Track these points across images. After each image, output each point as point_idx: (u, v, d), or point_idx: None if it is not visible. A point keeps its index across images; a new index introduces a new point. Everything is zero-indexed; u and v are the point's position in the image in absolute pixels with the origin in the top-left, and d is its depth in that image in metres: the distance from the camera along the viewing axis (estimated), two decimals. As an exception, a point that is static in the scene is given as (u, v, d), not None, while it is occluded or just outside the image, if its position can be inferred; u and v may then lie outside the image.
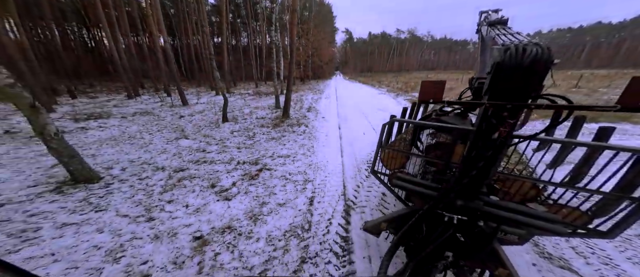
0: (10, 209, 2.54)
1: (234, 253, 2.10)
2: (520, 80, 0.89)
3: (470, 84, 2.39)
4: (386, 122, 1.85)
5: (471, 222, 1.22)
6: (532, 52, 0.85)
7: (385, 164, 2.04)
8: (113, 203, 2.75)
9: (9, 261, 0.47)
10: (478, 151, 1.06)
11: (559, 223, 1.18)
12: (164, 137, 5.48)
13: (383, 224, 1.55)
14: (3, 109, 7.69)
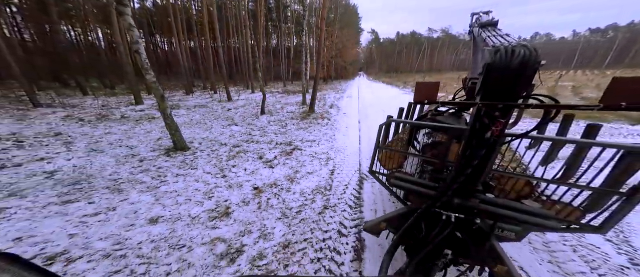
0: (146, 163, 3.96)
1: (278, 199, 3.03)
2: (510, 81, 0.89)
3: (464, 84, 2.52)
4: (383, 122, 1.83)
5: (468, 220, 1.21)
6: (521, 53, 0.85)
7: (383, 164, 2.01)
8: (200, 164, 3.99)
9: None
10: (472, 150, 1.05)
11: (553, 219, 1.16)
12: (219, 124, 6.91)
13: (382, 224, 1.53)
14: (116, 101, 10.33)
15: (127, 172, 3.60)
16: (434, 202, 1.16)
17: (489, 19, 1.75)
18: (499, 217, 1.16)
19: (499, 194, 1.64)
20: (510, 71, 0.86)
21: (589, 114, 7.13)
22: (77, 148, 4.52)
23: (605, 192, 1.21)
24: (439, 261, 1.25)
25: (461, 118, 2.45)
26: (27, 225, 2.36)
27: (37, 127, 5.72)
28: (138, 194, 3.00)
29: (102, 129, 5.91)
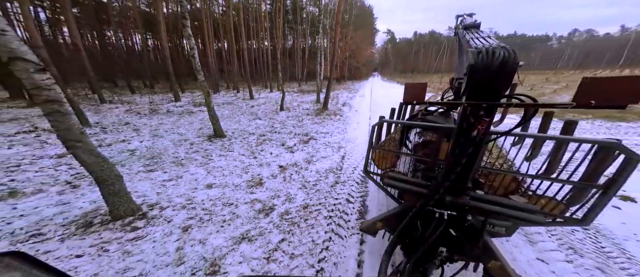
0: (195, 146, 4.92)
1: (299, 175, 3.69)
2: (492, 81, 0.90)
3: (451, 84, 2.55)
4: (375, 123, 1.82)
5: (461, 217, 1.21)
6: (501, 54, 0.86)
7: (377, 164, 1.99)
8: (235, 148, 4.83)
9: None
10: (461, 148, 1.06)
11: (539, 213, 1.16)
12: (246, 118, 7.85)
13: (378, 224, 1.53)
14: (159, 99, 11.96)
15: (184, 152, 4.55)
16: (429, 200, 1.13)
17: (472, 21, 1.79)
18: (489, 213, 1.16)
19: (488, 190, 1.64)
20: (492, 72, 0.88)
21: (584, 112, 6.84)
22: (144, 134, 5.67)
23: (584, 185, 1.23)
24: (436, 259, 1.25)
25: (449, 117, 2.51)
26: (130, 185, 3.31)
27: (110, 118, 7.11)
28: (195, 168, 3.88)
29: (156, 120, 7.15)
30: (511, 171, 1.65)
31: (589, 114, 7.43)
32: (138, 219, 2.50)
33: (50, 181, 3.29)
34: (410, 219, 1.18)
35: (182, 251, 2.10)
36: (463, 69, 1.89)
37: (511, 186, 1.60)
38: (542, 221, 1.16)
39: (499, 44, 0.95)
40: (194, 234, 2.33)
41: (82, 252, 2.03)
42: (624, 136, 5.49)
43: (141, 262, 1.96)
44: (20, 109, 7.49)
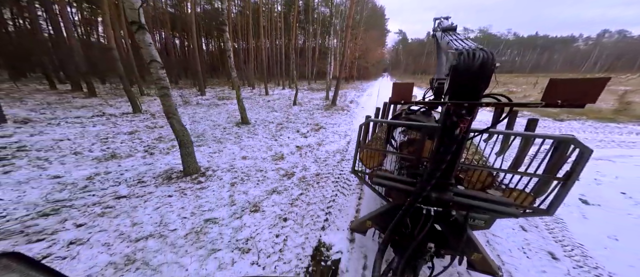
0: (227, 130, 5.94)
1: (312, 153, 4.55)
2: (472, 81, 0.92)
3: (431, 85, 2.65)
4: (362, 122, 1.82)
5: (446, 213, 1.23)
6: (480, 56, 0.89)
7: (364, 163, 2.00)
8: (259, 132, 5.79)
9: None
10: (445, 146, 1.07)
11: (512, 206, 1.21)
12: (264, 110, 8.84)
13: (368, 222, 1.54)
14: (186, 92, 13.33)
15: (219, 134, 5.58)
16: (418, 197, 1.15)
17: (449, 24, 1.85)
18: (470, 207, 1.19)
19: (467, 185, 1.69)
20: (473, 72, 0.90)
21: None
22: (185, 120, 6.80)
23: (547, 178, 1.30)
24: (425, 255, 1.27)
25: (431, 116, 2.59)
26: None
27: (154, 107, 8.37)
28: (231, 145, 4.87)
29: (191, 110, 8.33)
30: (488, 166, 1.70)
31: (583, 115, 7.68)
32: (200, 176, 3.49)
33: (133, 150, 4.40)
34: (402, 216, 1.20)
35: (233, 197, 3.02)
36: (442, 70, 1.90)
37: (487, 181, 1.66)
38: (517, 213, 1.21)
39: (478, 46, 0.98)
40: (238, 187, 3.25)
41: (170, 194, 3.01)
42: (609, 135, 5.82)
43: (208, 202, 2.87)
44: (83, 99, 8.98)
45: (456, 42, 1.20)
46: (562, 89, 0.89)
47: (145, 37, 2.57)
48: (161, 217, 2.47)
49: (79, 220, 2.36)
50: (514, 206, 1.25)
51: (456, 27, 1.69)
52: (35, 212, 2.44)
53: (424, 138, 1.68)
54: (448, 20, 2.02)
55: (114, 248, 2.01)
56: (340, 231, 2.36)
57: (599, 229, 2.36)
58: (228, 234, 2.26)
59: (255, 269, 1.89)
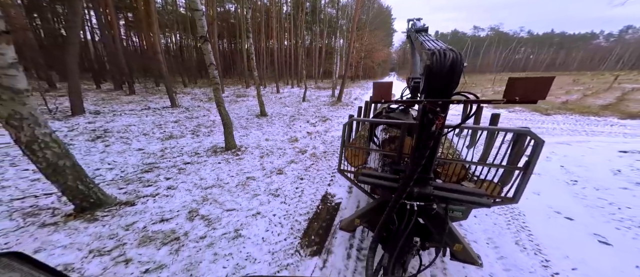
0: (250, 120, 7.09)
1: (320, 137, 5.55)
2: (444, 80, 0.97)
3: (408, 84, 2.70)
4: (346, 122, 1.85)
5: (428, 207, 1.25)
6: (451, 56, 0.94)
7: (350, 162, 2.02)
8: (276, 122, 6.88)
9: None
10: (423, 142, 1.10)
11: (484, 196, 1.27)
12: (277, 106, 9.94)
13: (356, 220, 1.55)
14: (206, 91, 14.73)
15: (244, 123, 6.72)
16: (403, 192, 1.16)
17: (421, 25, 1.89)
18: (450, 200, 1.24)
19: (444, 179, 1.74)
20: (444, 72, 0.95)
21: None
22: (214, 112, 8.04)
23: (510, 168, 1.37)
24: (412, 249, 1.30)
25: (409, 113, 2.66)
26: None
27: (185, 103, 9.72)
28: (255, 131, 5.97)
29: (214, 105, 9.59)
30: (461, 159, 1.76)
31: (570, 110, 8.17)
32: (237, 151, 4.59)
33: (183, 133, 5.62)
34: (390, 212, 1.21)
35: (263, 164, 4.06)
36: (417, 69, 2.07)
37: (462, 173, 1.72)
38: (489, 203, 1.28)
39: (448, 47, 1.03)
40: (266, 159, 4.30)
41: (219, 162, 4.09)
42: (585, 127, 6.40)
43: (246, 167, 3.91)
44: (126, 96, 10.50)
45: (429, 42, 1.26)
46: (518, 87, 0.94)
47: (207, 46, 3.68)
48: (217, 175, 3.56)
49: (166, 175, 3.50)
50: (486, 196, 1.30)
51: (428, 29, 1.79)
52: (139, 169, 3.62)
53: (404, 135, 1.72)
54: (420, 22, 2.09)
55: (193, 192, 3.08)
56: (341, 187, 3.25)
57: (529, 189, 3.18)
58: (263, 185, 3.30)
59: (283, 206, 2.89)
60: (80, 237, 2.12)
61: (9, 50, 1.64)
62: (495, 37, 61.45)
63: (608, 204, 2.73)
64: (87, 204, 2.40)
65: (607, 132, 5.91)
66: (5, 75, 1.63)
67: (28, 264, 0.32)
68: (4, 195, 2.74)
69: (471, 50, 61.82)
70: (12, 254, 0.31)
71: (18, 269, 0.30)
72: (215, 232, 2.29)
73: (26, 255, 0.33)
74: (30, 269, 0.31)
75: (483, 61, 60.65)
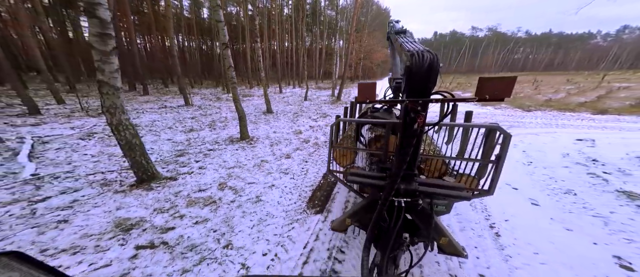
0: (257, 116, 7.83)
1: (321, 130, 6.25)
2: (423, 80, 1.01)
3: (390, 84, 2.74)
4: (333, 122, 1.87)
5: (414, 202, 1.28)
6: (428, 57, 0.98)
7: (338, 162, 2.02)
8: (281, 118, 7.61)
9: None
10: (407, 140, 1.13)
11: (464, 189, 1.31)
12: (281, 104, 10.66)
13: (348, 220, 1.55)
14: (213, 91, 15.47)
15: (254, 118, 7.45)
16: (392, 190, 1.18)
17: (400, 27, 1.95)
18: (434, 195, 1.28)
19: (427, 175, 1.78)
20: (423, 72, 0.99)
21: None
22: (224, 109, 8.78)
23: (484, 162, 1.46)
24: (402, 245, 1.33)
25: (392, 112, 2.71)
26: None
27: (196, 102, 10.48)
28: (263, 125, 6.70)
29: (224, 104, 10.33)
30: (442, 155, 1.79)
31: (550, 107, 8.82)
32: (250, 141, 5.32)
33: (201, 126, 6.37)
34: (381, 210, 1.23)
35: (273, 151, 4.76)
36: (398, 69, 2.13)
37: (443, 169, 1.76)
38: (469, 196, 1.33)
39: (425, 48, 1.08)
40: (275, 147, 5.01)
41: (237, 149, 4.80)
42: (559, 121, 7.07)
43: (259, 153, 4.60)
44: (141, 96, 11.27)
45: (408, 44, 1.29)
46: (488, 86, 1.00)
47: (227, 52, 4.41)
48: (236, 159, 4.28)
49: (195, 159, 4.23)
50: (466, 189, 1.34)
51: (406, 30, 1.83)
52: (173, 154, 4.36)
53: (388, 134, 1.74)
54: (399, 24, 2.13)
55: (219, 171, 3.78)
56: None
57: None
58: (275, 166, 4.01)
59: (292, 181, 3.60)
60: (145, 200, 2.84)
61: (115, 60, 2.37)
62: (494, 38, 61.59)
63: (549, 178, 3.42)
64: (145, 177, 3.13)
65: (575, 125, 6.57)
66: (112, 77, 2.37)
67: (27, 263, 0.31)
68: (80, 172, 3.48)
69: (470, 50, 62.15)
70: (11, 254, 0.30)
71: (17, 268, 0.29)
72: (241, 198, 3.00)
73: (25, 255, 0.32)
74: (30, 268, 0.30)
75: (481, 62, 60.96)
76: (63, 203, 2.66)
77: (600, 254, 2.00)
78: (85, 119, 6.52)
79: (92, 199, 2.79)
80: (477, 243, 2.17)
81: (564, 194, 3.00)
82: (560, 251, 2.03)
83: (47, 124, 5.82)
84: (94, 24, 2.21)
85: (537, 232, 2.28)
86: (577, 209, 2.66)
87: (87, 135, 5.25)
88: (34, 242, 2.05)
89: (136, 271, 1.82)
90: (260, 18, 16.60)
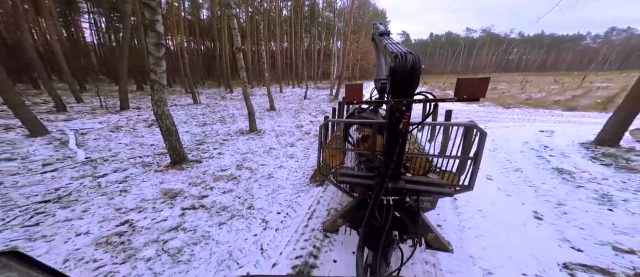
0: (262, 113, 8.51)
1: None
2: (407, 81, 1.03)
3: (375, 85, 2.76)
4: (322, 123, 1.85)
5: (401, 200, 1.30)
6: (410, 59, 1.00)
7: (327, 163, 2.03)
8: (283, 115, 8.32)
9: None
10: (393, 139, 1.14)
11: (446, 186, 1.35)
12: (283, 102, 11.35)
13: (339, 221, 1.56)
14: (217, 91, 16.09)
15: (259, 115, 8.13)
16: (382, 188, 1.18)
17: (383, 29, 2.01)
18: (420, 192, 1.31)
19: (412, 173, 1.84)
20: (407, 73, 1.02)
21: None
22: (230, 107, 9.46)
23: (464, 158, 1.53)
24: (393, 243, 1.36)
25: (378, 113, 2.74)
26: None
27: (203, 101, 11.13)
28: (268, 120, 7.40)
29: (229, 102, 10.99)
30: (425, 153, 1.85)
31: (526, 104, 9.65)
32: (258, 133, 6.02)
33: (212, 121, 7.05)
34: (372, 210, 1.23)
35: (279, 141, 5.45)
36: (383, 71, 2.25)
37: (427, 166, 1.80)
38: (451, 192, 1.39)
39: (408, 50, 1.11)
40: (280, 138, 5.70)
41: (247, 139, 5.49)
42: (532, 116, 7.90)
43: (268, 143, 5.28)
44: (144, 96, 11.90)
45: (391, 45, 1.33)
46: (465, 87, 1.05)
47: (240, 55, 5.11)
48: (248, 147, 4.98)
49: (213, 146, 4.92)
50: (448, 186, 1.40)
51: (390, 32, 1.88)
52: (194, 143, 5.05)
53: (375, 134, 1.78)
54: (383, 26, 2.18)
55: (235, 156, 4.47)
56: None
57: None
58: (281, 152, 4.71)
59: (297, 163, 4.32)
60: (180, 177, 3.53)
61: (164, 63, 3.08)
62: (487, 39, 62.70)
63: (506, 160, 4.18)
64: (178, 159, 3.83)
65: (544, 120, 7.39)
66: (161, 77, 3.08)
67: (26, 263, 0.30)
68: (122, 156, 4.17)
69: (465, 51, 63.25)
70: (9, 254, 0.30)
71: (16, 268, 0.29)
72: (256, 175, 3.71)
73: (24, 254, 0.31)
74: (28, 268, 0.30)
75: (476, 62, 62.03)
76: (118, 178, 3.35)
77: (524, 210, 2.75)
78: (108, 116, 7.16)
79: (139, 176, 3.49)
80: (438, 205, 2.89)
81: (514, 171, 3.76)
82: (497, 209, 2.76)
83: (77, 120, 6.47)
84: (152, 36, 2.90)
85: (484, 198, 3.01)
86: (520, 182, 3.42)
87: (115, 128, 5.91)
88: (108, 204, 2.74)
89: (186, 224, 2.50)
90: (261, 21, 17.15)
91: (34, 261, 0.31)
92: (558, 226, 2.40)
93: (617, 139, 4.38)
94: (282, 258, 2.02)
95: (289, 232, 2.35)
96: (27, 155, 3.95)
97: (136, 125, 6.36)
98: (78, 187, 3.04)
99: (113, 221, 2.42)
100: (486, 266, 1.87)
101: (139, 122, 6.61)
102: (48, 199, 2.73)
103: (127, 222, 2.42)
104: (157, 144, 4.92)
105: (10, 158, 3.78)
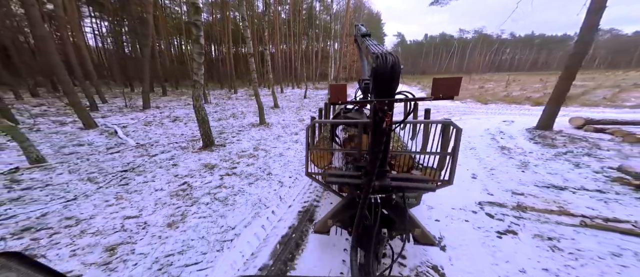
0: (267, 110, 9.60)
1: (319, 121, 8.11)
2: (388, 81, 1.06)
3: (359, 85, 2.85)
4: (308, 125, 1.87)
5: (388, 198, 1.33)
6: (391, 59, 1.02)
7: (315, 164, 2.03)
8: (286, 111, 9.39)
9: None
10: (378, 138, 1.17)
11: (429, 181, 1.41)
12: (285, 101, 12.42)
13: (329, 221, 1.56)
14: (222, 92, 17.10)
15: (265, 111, 9.19)
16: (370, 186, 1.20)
17: (364, 30, 2.07)
18: (405, 189, 1.34)
19: (397, 170, 1.89)
20: (387, 73, 1.04)
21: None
22: (237, 105, 10.49)
23: (443, 154, 1.59)
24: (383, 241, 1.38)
25: (363, 113, 2.80)
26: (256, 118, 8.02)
27: (213, 100, 12.16)
28: (274, 116, 8.47)
29: (236, 101, 12.04)
30: (408, 151, 1.91)
31: (502, 100, 10.83)
32: (267, 125, 7.09)
33: (225, 117, 8.12)
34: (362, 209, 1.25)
35: (285, 131, 6.50)
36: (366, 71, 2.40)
37: (410, 163, 1.88)
38: (434, 187, 1.43)
39: (388, 51, 1.13)
40: (286, 129, 6.71)
41: (258, 130, 6.52)
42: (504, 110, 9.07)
43: (276, 132, 6.29)
44: (161, 97, 12.86)
45: (373, 46, 1.37)
46: (440, 86, 1.11)
47: (251, 59, 6.20)
48: (260, 135, 6.03)
49: (232, 135, 5.98)
50: (430, 181, 1.47)
51: (370, 34, 1.95)
52: (216, 132, 6.11)
53: (361, 133, 1.83)
54: (364, 28, 2.22)
55: (251, 142, 5.49)
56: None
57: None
58: (288, 139, 5.75)
59: (302, 146, 5.38)
60: (212, 156, 4.57)
61: (203, 67, 4.18)
62: (480, 39, 64.43)
63: (467, 142, 5.29)
64: (208, 142, 4.89)
65: (512, 112, 8.56)
66: (201, 78, 4.18)
67: (25, 264, 0.30)
68: (162, 142, 5.21)
69: (458, 51, 64.81)
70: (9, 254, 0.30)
71: (15, 269, 0.29)
72: (270, 154, 4.75)
73: (24, 255, 0.32)
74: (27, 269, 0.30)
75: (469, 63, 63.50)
76: (166, 157, 4.40)
77: (467, 173, 3.80)
78: (135, 113, 8.18)
79: (181, 155, 4.53)
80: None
81: (470, 149, 4.87)
82: (446, 169, 3.86)
83: (110, 117, 7.48)
84: (196, 47, 3.99)
85: (440, 164, 4.11)
86: (471, 156, 4.52)
87: (147, 123, 6.94)
88: (167, 172, 3.77)
89: (226, 183, 3.53)
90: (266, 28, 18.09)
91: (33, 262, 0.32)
92: (485, 182, 3.46)
93: (550, 124, 5.56)
94: (295, 203, 3.02)
95: (298, 189, 3.37)
96: (91, 142, 4.98)
97: (162, 120, 7.40)
98: (142, 162, 4.08)
99: (175, 182, 3.45)
100: (429, 204, 2.65)
101: (163, 119, 7.64)
102: (125, 169, 3.77)
103: (185, 183, 3.44)
104: (185, 134, 5.99)
105: (80, 143, 4.82)
